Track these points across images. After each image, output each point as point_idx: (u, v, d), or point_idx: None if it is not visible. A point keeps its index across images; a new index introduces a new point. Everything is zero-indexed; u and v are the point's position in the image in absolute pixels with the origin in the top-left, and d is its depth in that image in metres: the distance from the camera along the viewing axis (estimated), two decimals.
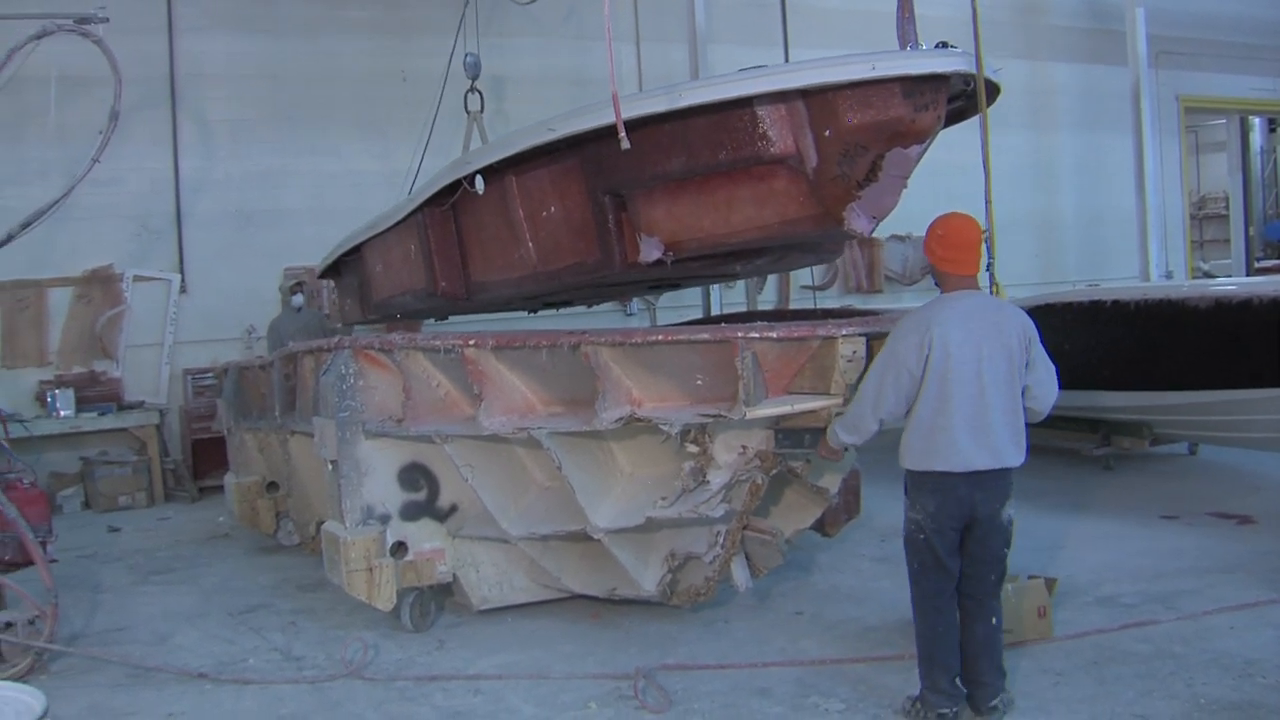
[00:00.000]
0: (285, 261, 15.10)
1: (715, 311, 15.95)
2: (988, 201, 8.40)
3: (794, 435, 6.79)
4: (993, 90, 7.61)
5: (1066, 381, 8.04)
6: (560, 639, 7.90)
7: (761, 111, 7.19)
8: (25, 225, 8.85)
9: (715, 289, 16.48)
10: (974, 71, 6.99)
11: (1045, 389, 6.22)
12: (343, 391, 7.99)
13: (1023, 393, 6.14)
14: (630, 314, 17.78)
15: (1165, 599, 8.09)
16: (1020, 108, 21.52)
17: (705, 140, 7.47)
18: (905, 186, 7.28)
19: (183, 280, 15.60)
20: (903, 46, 7.21)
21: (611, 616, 8.26)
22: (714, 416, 6.62)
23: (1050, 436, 13.63)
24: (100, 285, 15.15)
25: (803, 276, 18.66)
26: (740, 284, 17.73)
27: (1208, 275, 24.02)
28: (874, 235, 18.64)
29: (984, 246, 6.60)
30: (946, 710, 6.07)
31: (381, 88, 15.32)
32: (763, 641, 7.63)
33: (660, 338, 6.75)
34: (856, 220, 7.28)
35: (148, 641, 8.39)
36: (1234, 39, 23.34)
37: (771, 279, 18.89)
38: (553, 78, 17.13)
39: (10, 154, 14.46)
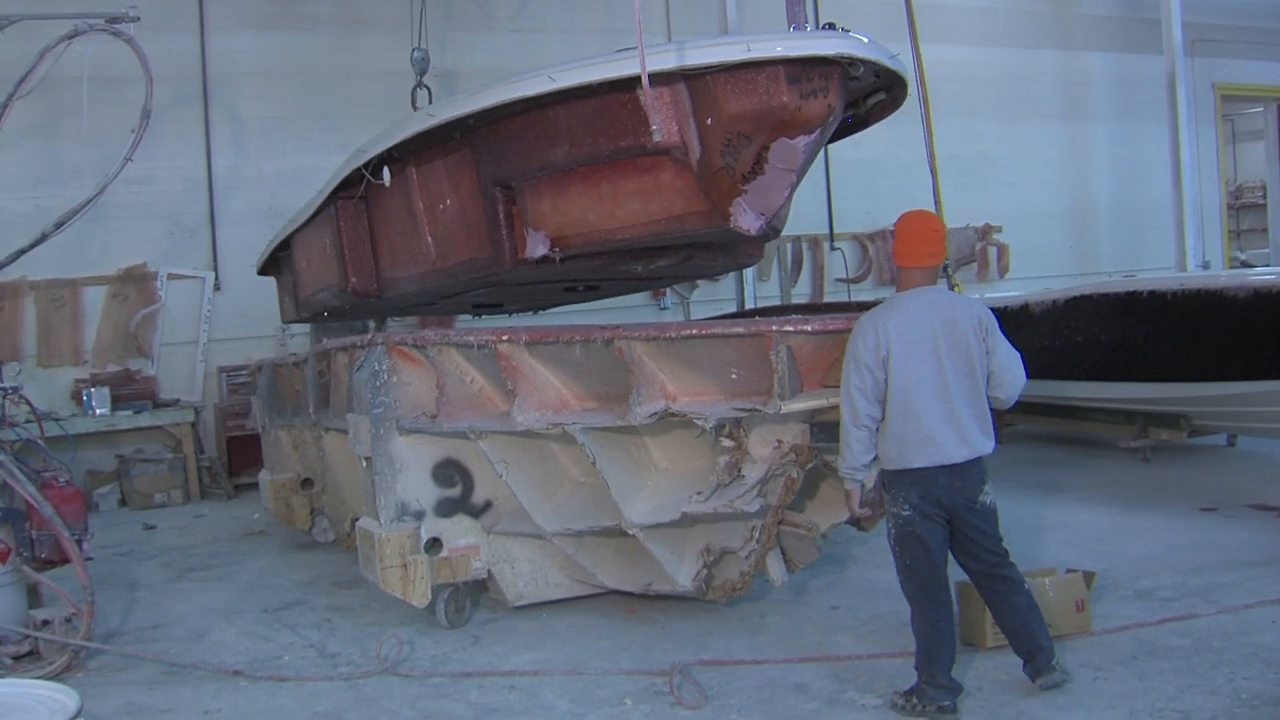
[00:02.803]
0: None
1: (749, 305, 15.92)
2: (937, 201, 8.24)
3: (829, 429, 6.75)
4: (899, 83, 7.41)
5: (1103, 373, 7.97)
6: (595, 635, 7.89)
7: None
8: (59, 225, 8.88)
9: (749, 281, 16.45)
10: (868, 56, 6.69)
11: (1010, 375, 6.22)
12: (376, 388, 7.98)
13: (988, 381, 6.18)
14: (664, 308, 17.78)
15: (1205, 592, 8.01)
16: (1054, 98, 21.46)
17: (587, 128, 7.33)
18: (796, 182, 7.09)
19: (216, 278, 15.70)
20: (790, 26, 7.01)
21: (647, 612, 8.23)
22: (749, 410, 6.60)
23: (1087, 428, 13.57)
24: (135, 284, 15.25)
25: (837, 269, 18.61)
26: (774, 277, 17.69)
27: (1245, 265, 23.83)
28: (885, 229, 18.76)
29: (945, 244, 6.47)
30: (948, 703, 6.12)
31: (412, 83, 15.27)
32: (799, 636, 7.59)
33: (695, 332, 6.73)
34: (743, 216, 7.11)
35: (183, 639, 8.41)
36: (1270, 25, 23.18)
37: (806, 271, 18.85)
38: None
39: (44, 154, 14.57)
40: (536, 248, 8.07)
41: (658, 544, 7.44)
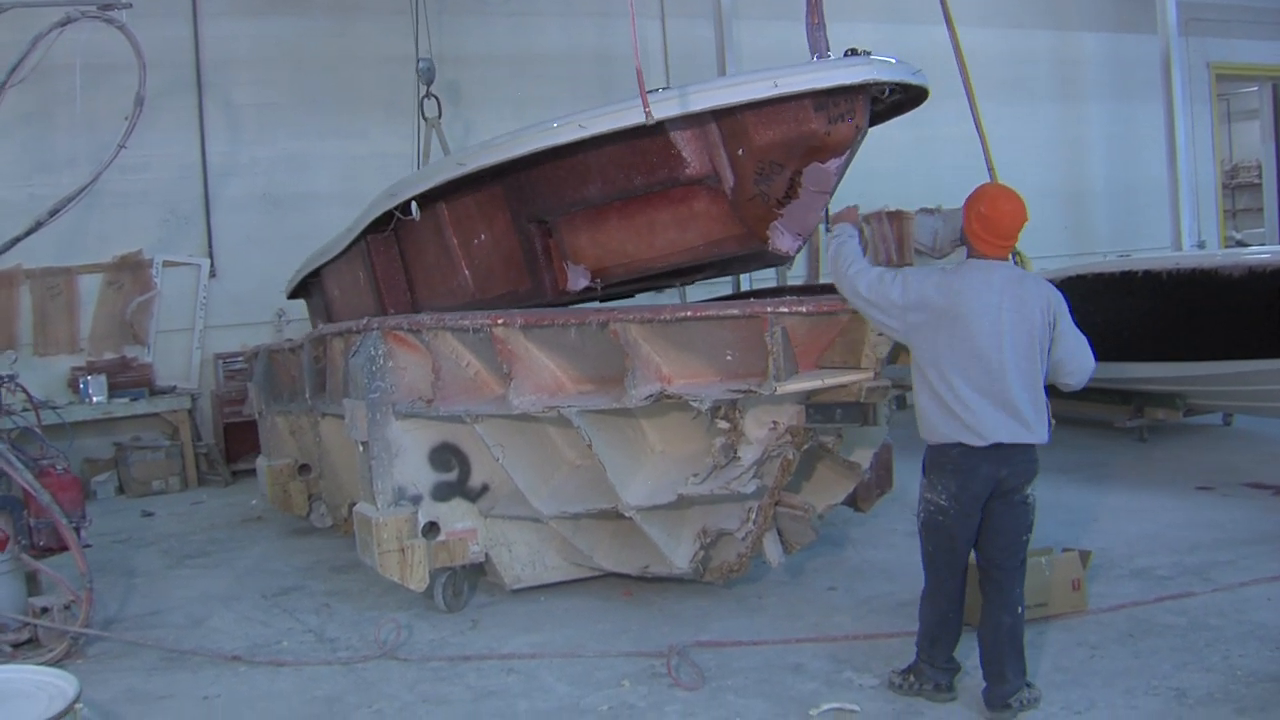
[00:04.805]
0: (314, 245, 15.15)
1: (744, 286, 15.90)
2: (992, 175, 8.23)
3: (825, 410, 6.74)
4: (919, 95, 7.44)
5: (1099, 353, 7.84)
6: (593, 617, 7.91)
7: (672, 134, 7.17)
8: (54, 212, 8.87)
9: None
10: (894, 79, 6.79)
11: (1078, 361, 5.94)
12: (372, 373, 7.99)
13: (1054, 366, 5.89)
14: (659, 290, 17.75)
15: (1201, 571, 8.03)
16: (1049, 78, 21.42)
17: (619, 166, 7.50)
18: (828, 202, 7.19)
19: (212, 265, 15.66)
20: (813, 55, 7.06)
21: (644, 594, 8.25)
22: (744, 392, 6.60)
23: (1083, 408, 13.55)
24: (130, 271, 15.22)
25: None
26: None
27: (1240, 244, 23.80)
28: (903, 208, 18.81)
29: None
30: (944, 681, 6.08)
31: (408, 68, 15.23)
32: (796, 617, 7.61)
33: (690, 314, 6.73)
34: (780, 239, 7.28)
35: (182, 625, 8.43)
36: (1264, 4, 23.11)
37: (801, 254, 18.81)
38: (567, 57, 17.24)
39: (38, 142, 14.52)
40: (578, 280, 8.21)
41: (654, 526, 7.45)
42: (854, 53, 6.79)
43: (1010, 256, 6.13)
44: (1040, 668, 6.32)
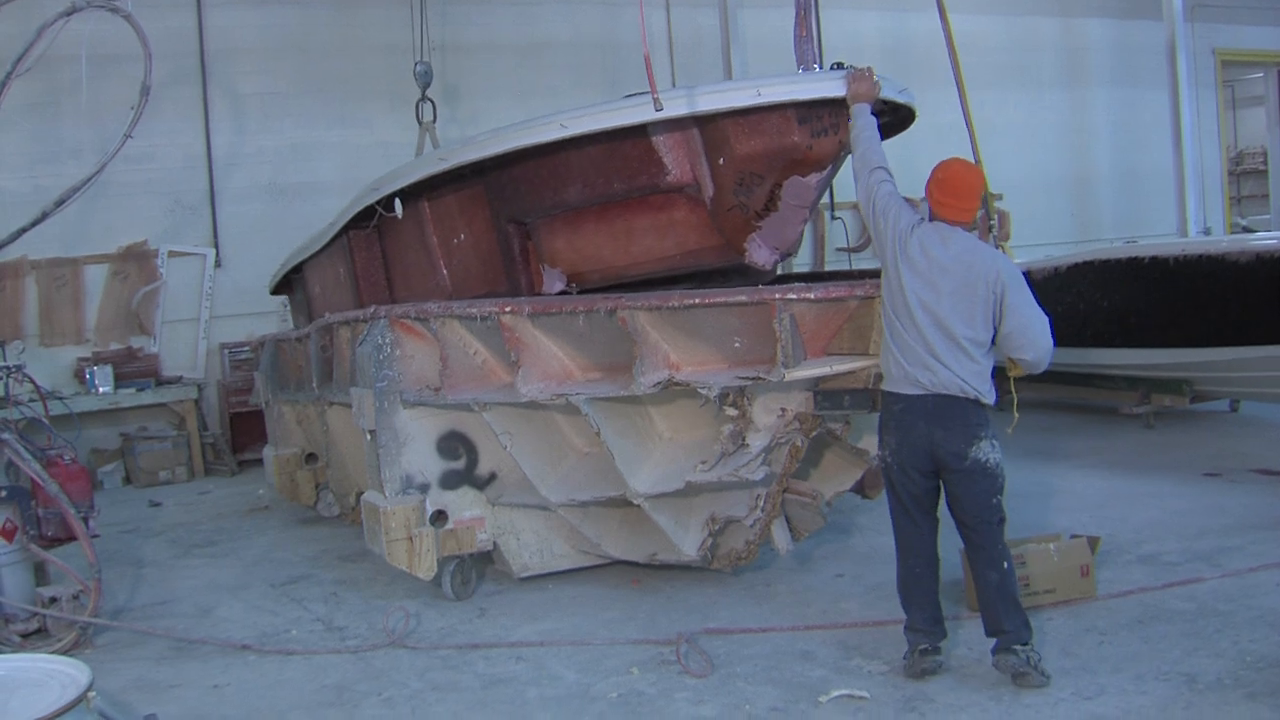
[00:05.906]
0: None
1: None
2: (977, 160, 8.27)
3: (833, 396, 6.74)
4: (908, 115, 7.47)
5: (1106, 339, 7.89)
6: (601, 605, 7.90)
7: (654, 139, 7.18)
8: (59, 203, 8.87)
9: None
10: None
11: (1028, 337, 5.91)
12: (380, 361, 7.98)
13: (1004, 338, 5.95)
14: None
15: (1209, 557, 8.02)
16: (1055, 65, 21.38)
17: (600, 169, 7.49)
18: (808, 217, 7.20)
19: (217, 255, 15.66)
20: (800, 67, 7.05)
21: (652, 582, 8.25)
22: (753, 379, 6.59)
23: (1090, 395, 13.56)
24: (136, 261, 15.22)
25: (838, 238, 18.58)
26: None
27: (1246, 231, 23.77)
28: (909, 196, 18.81)
29: (983, 203, 6.39)
30: (926, 646, 6.17)
31: (412, 58, 15.29)
32: (804, 604, 7.61)
33: (697, 301, 6.71)
34: (758, 252, 7.28)
35: (191, 614, 8.43)
36: None
37: (806, 241, 18.80)
38: (571, 45, 17.24)
39: (43, 132, 14.51)
40: (553, 284, 8.20)
41: (663, 514, 7.45)
42: (841, 66, 6.79)
43: (992, 242, 6.19)
44: (1049, 654, 6.30)
